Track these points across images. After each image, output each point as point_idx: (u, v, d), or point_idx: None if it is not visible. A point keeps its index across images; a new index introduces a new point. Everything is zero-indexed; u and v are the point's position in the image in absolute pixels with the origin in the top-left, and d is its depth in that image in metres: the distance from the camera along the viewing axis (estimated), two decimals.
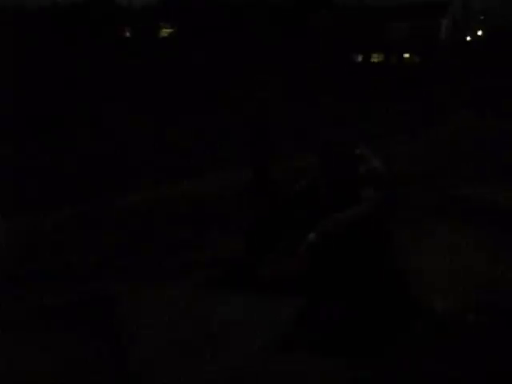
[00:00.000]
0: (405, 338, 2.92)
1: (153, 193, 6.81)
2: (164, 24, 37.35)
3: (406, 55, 36.50)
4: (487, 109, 12.85)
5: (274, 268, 3.44)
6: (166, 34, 37.21)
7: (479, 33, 42.63)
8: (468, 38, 41.61)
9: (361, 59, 36.23)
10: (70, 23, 29.70)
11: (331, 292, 3.02)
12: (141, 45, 30.59)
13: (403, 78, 24.68)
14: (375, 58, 36.65)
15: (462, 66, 27.16)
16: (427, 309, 3.17)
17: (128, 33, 35.49)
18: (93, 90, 19.88)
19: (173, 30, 36.89)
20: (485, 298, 3.39)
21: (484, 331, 3.01)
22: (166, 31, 37.43)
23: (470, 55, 30.69)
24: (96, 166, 8.67)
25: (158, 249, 4.54)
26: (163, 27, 37.49)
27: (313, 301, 3.04)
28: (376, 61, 36.54)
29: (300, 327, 2.98)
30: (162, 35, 37.07)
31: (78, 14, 31.48)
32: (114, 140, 11.59)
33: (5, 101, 14.73)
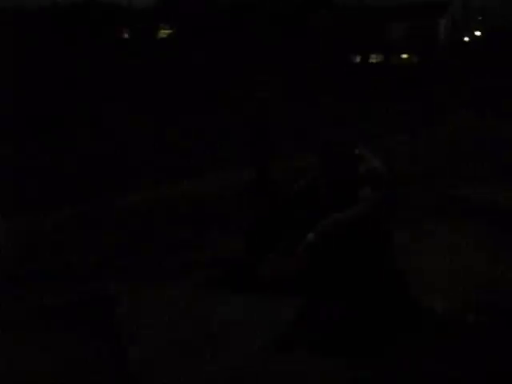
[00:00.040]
0: (405, 338, 2.92)
1: (153, 193, 6.81)
2: (164, 25, 37.33)
3: (405, 55, 36.50)
4: (486, 109, 12.84)
5: (273, 268, 3.45)
6: (165, 35, 37.18)
7: (478, 33, 42.65)
8: (467, 38, 41.64)
9: (360, 59, 36.20)
10: (70, 23, 29.70)
11: (331, 292, 3.02)
12: (141, 45, 30.61)
13: (402, 78, 24.66)
14: (374, 58, 36.63)
15: (461, 66, 27.16)
16: (427, 309, 3.17)
17: (128, 33, 35.48)
18: (93, 90, 19.87)
19: (172, 31, 36.87)
20: (485, 297, 3.39)
21: (484, 331, 3.01)
22: (165, 32, 37.42)
23: (469, 55, 30.70)
24: (96, 166, 8.66)
25: (158, 249, 4.54)
26: (163, 28, 37.48)
27: (312, 301, 3.04)
28: (375, 61, 36.52)
29: (300, 327, 2.98)
30: (161, 36, 37.06)
31: (78, 14, 31.49)
32: (113, 140, 11.56)
33: (5, 101, 14.72)
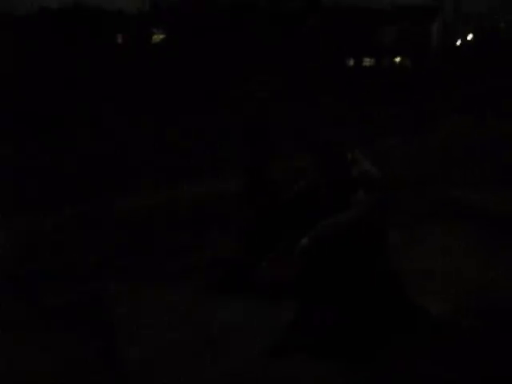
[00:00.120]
0: (399, 340, 2.91)
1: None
2: (156, 31, 37.19)
3: (397, 59, 36.39)
4: (478, 113, 12.77)
5: (271, 273, 3.46)
6: (159, 40, 37.04)
7: (469, 37, 42.66)
8: (458, 42, 41.66)
9: (352, 63, 36.01)
10: (70, 24, 29.72)
11: (324, 296, 3.01)
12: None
13: (394, 82, 24.56)
14: (368, 61, 36.50)
15: (452, 70, 27.07)
16: (421, 311, 3.17)
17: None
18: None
19: (172, 33, 36.76)
20: (476, 300, 3.40)
21: (478, 334, 3.01)
22: (158, 37, 37.28)
23: (461, 59, 30.66)
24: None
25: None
26: (156, 34, 37.30)
27: (306, 305, 3.03)
28: (368, 64, 36.39)
29: (294, 332, 2.98)
30: (160, 37, 36.98)
31: (78, 14, 31.50)
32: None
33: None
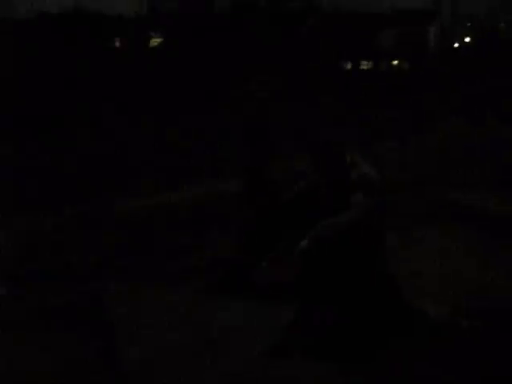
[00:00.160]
0: (397, 341, 2.91)
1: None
2: (161, 29, 37.16)
3: (395, 62, 36.36)
4: (476, 116, 12.76)
5: (271, 273, 3.46)
6: (162, 39, 37.01)
7: (467, 39, 42.67)
8: (456, 45, 41.66)
9: (350, 66, 35.96)
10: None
11: (324, 297, 3.01)
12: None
13: (392, 85, 24.51)
14: (365, 64, 36.45)
15: (450, 72, 27.04)
16: (419, 313, 3.17)
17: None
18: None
19: (170, 35, 36.71)
20: (475, 302, 3.40)
21: (476, 335, 3.01)
22: (156, 41, 37.24)
23: (459, 62, 30.63)
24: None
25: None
26: (154, 38, 37.26)
27: (306, 306, 3.03)
28: (366, 67, 36.34)
29: (293, 332, 2.98)
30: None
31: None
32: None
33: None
